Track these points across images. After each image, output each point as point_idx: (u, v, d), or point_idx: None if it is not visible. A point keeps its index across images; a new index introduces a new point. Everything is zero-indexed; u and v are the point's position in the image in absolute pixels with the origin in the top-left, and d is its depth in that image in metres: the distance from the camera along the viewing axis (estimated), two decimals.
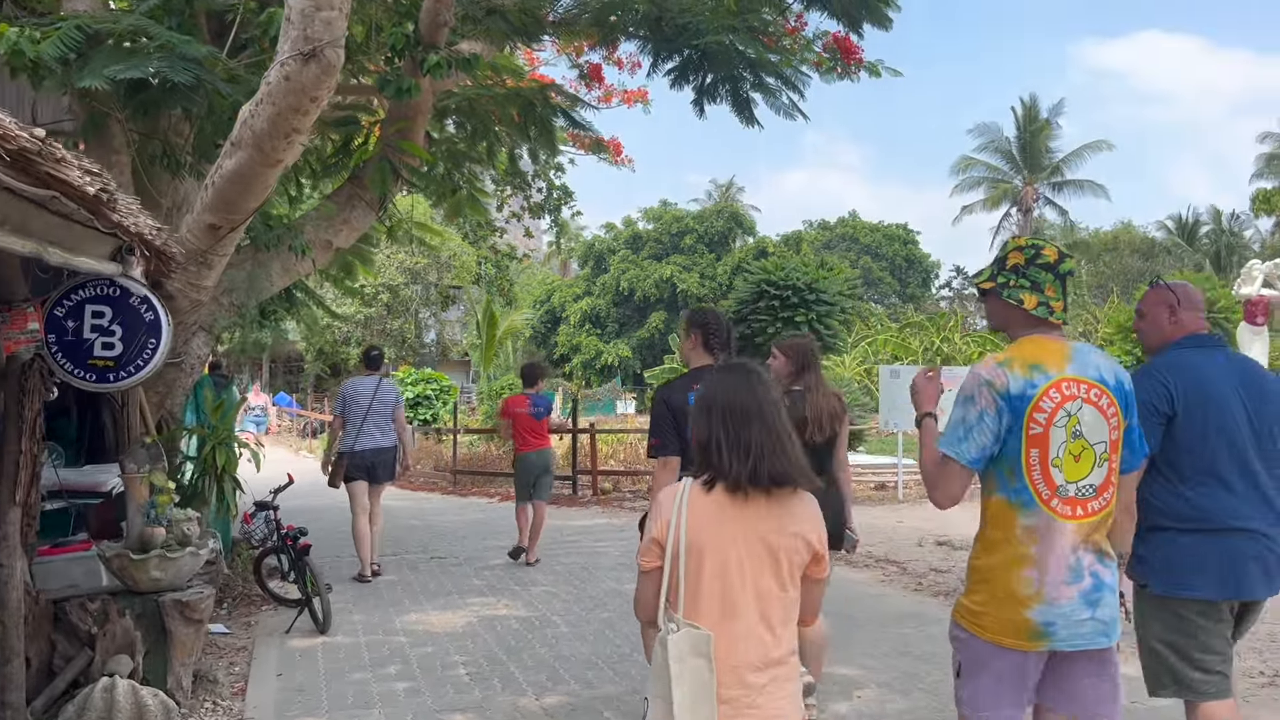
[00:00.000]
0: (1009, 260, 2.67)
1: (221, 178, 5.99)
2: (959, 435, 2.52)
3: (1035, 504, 2.48)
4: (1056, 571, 2.46)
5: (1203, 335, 3.20)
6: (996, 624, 2.50)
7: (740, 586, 2.16)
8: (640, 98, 13.15)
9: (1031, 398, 2.49)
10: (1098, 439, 2.52)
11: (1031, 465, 2.48)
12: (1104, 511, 2.54)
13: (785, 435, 2.24)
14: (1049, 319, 2.60)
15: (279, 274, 7.64)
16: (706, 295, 40.05)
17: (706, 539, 2.18)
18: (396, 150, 7.91)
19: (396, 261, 27.75)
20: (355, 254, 11.09)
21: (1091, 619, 2.48)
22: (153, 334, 4.24)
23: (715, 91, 8.83)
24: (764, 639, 2.16)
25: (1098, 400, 2.54)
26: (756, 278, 12.47)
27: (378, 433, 7.73)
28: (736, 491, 2.19)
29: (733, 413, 2.24)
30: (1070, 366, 2.54)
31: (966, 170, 46.71)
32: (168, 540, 4.22)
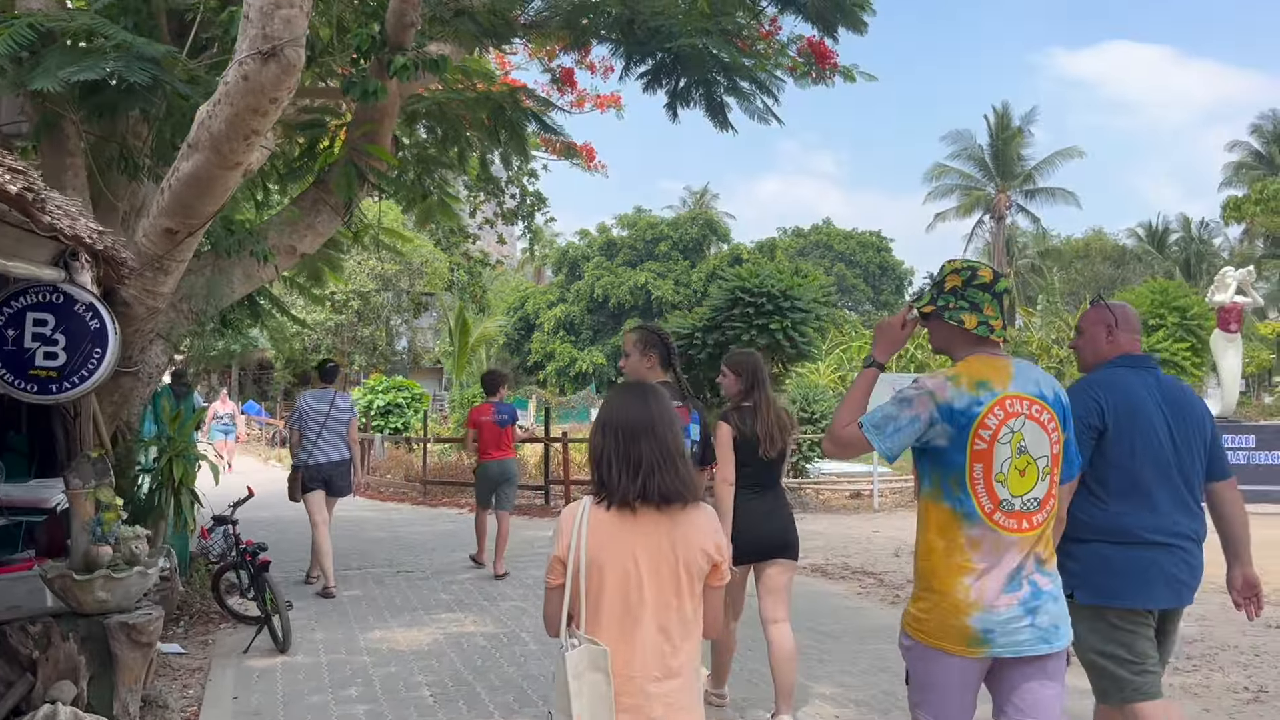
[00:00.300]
0: (947, 283, 2.74)
1: (178, 181, 5.80)
2: (884, 431, 2.58)
3: (978, 516, 2.54)
4: (996, 581, 2.53)
5: (1137, 355, 3.31)
6: (939, 630, 2.57)
7: (639, 600, 2.21)
8: (613, 103, 13.03)
9: (976, 415, 2.55)
10: (1040, 454, 2.60)
11: (975, 479, 2.55)
12: (1046, 523, 2.61)
13: (676, 453, 2.28)
14: (990, 337, 2.66)
15: (241, 280, 7.43)
16: (681, 302, 39.97)
17: (605, 555, 2.22)
18: (362, 154, 7.73)
19: (368, 268, 27.43)
20: (324, 260, 10.90)
21: (1030, 626, 2.53)
22: (99, 342, 4.04)
23: (689, 95, 8.70)
24: (663, 649, 2.21)
25: (1039, 416, 2.61)
26: (731, 285, 12.34)
27: (334, 446, 7.71)
28: (625, 508, 2.23)
29: (625, 430, 2.29)
30: (1013, 384, 2.61)
31: (940, 177, 46.93)
32: (114, 559, 4.01)
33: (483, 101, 8.66)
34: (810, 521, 11.60)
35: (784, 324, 11.91)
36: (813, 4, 8.36)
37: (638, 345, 4.33)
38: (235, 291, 7.43)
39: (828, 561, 8.67)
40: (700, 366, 12.60)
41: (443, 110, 9.49)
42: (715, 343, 12.39)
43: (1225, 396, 15.15)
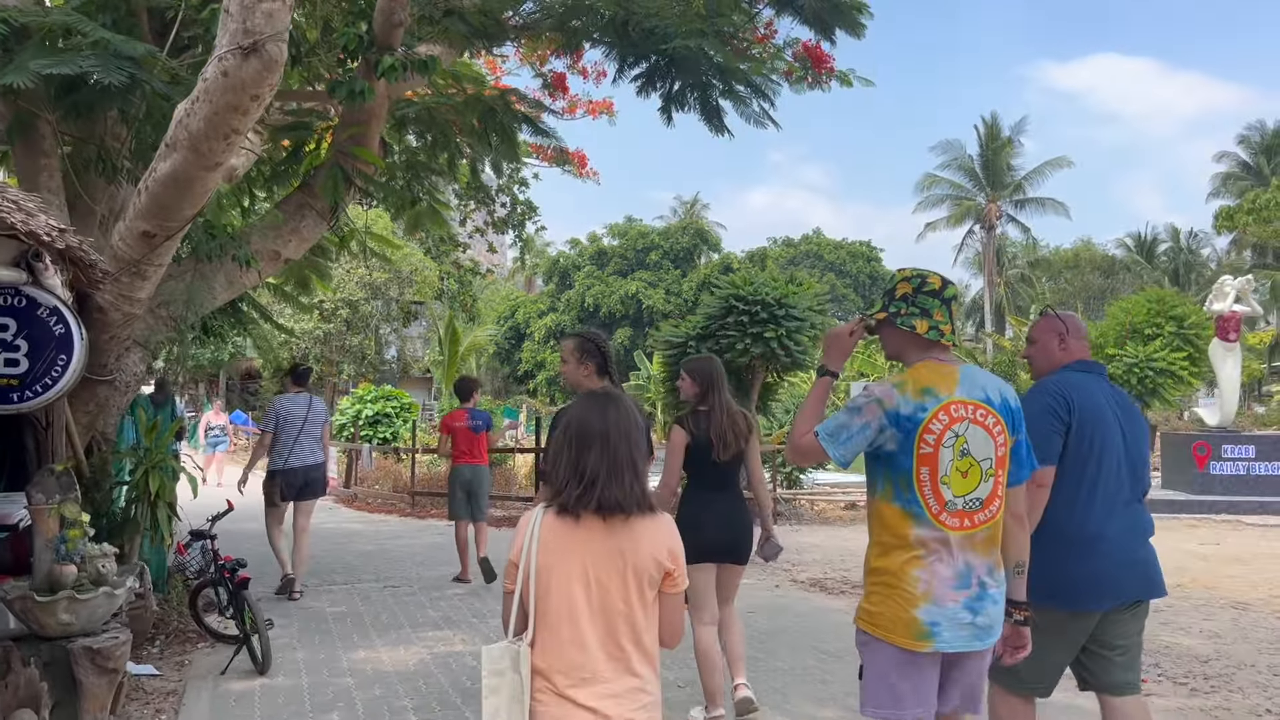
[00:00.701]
0: (898, 291, 2.84)
1: (156, 181, 5.58)
2: (839, 439, 2.69)
3: (925, 516, 2.66)
4: (945, 576, 2.64)
5: (1089, 361, 3.41)
6: (889, 623, 2.67)
7: (586, 605, 2.22)
8: (605, 109, 12.84)
9: (921, 420, 2.66)
10: (983, 456, 2.70)
11: (922, 481, 2.66)
12: (990, 523, 2.71)
13: (626, 464, 2.27)
14: (940, 341, 2.77)
15: (223, 286, 7.20)
16: (672, 311, 39.83)
17: (554, 560, 2.24)
18: (349, 157, 7.52)
19: (357, 276, 27.18)
20: (311, 268, 10.68)
21: (972, 624, 2.65)
22: (63, 349, 3.82)
23: (683, 99, 8.52)
24: (613, 654, 2.22)
25: (984, 420, 2.71)
26: (725, 292, 12.14)
27: (310, 450, 7.76)
28: (564, 514, 2.24)
29: (577, 439, 2.30)
30: (959, 389, 2.71)
31: (930, 188, 46.94)
32: (80, 579, 3.77)
33: (473, 105, 8.47)
34: (806, 534, 11.41)
35: (779, 332, 11.71)
36: (810, 5, 8.21)
37: (574, 353, 4.39)
38: (217, 298, 7.20)
39: (826, 576, 8.45)
40: None
41: (432, 115, 9.28)
42: (709, 351, 12.18)
43: (1224, 406, 15.00)
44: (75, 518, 3.79)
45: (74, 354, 3.83)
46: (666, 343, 12.69)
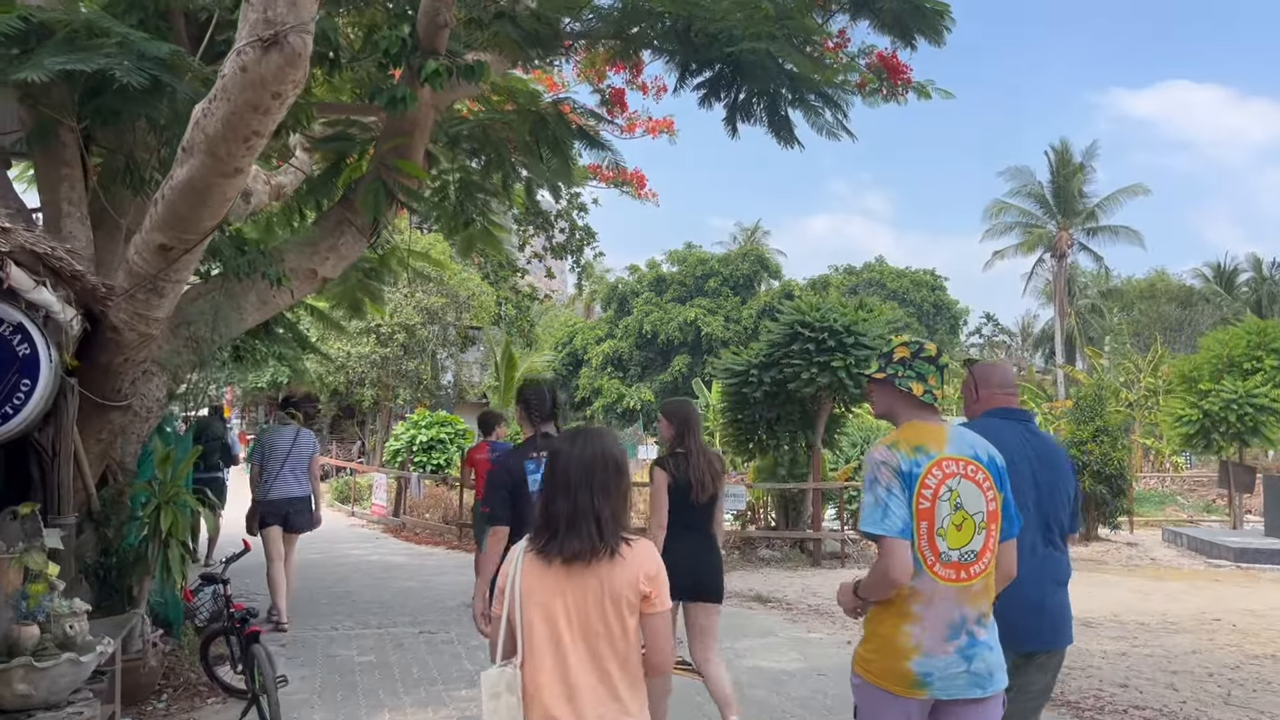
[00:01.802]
0: (895, 354, 2.99)
1: (172, 189, 5.11)
2: (879, 515, 2.76)
3: (921, 568, 2.75)
4: (936, 628, 2.74)
5: (1008, 409, 3.53)
6: (883, 671, 2.78)
7: (568, 630, 2.34)
8: (665, 127, 12.33)
9: (918, 475, 2.78)
10: (976, 509, 2.82)
11: (921, 535, 2.76)
12: (983, 574, 2.81)
13: (584, 512, 2.37)
14: (932, 405, 2.93)
15: (254, 306, 6.74)
16: (731, 339, 39.10)
17: (536, 590, 2.38)
18: (391, 170, 7.04)
19: (414, 301, 26.93)
20: (364, 290, 10.22)
21: (966, 672, 2.74)
22: (27, 372, 3.31)
23: (749, 109, 7.93)
24: (597, 677, 2.34)
25: (974, 475, 2.84)
26: (790, 319, 11.46)
27: (294, 481, 7.73)
28: (569, 558, 2.35)
29: (547, 485, 2.46)
30: (949, 447, 2.85)
31: (999, 215, 45.69)
32: (42, 642, 3.24)
33: (524, 116, 7.95)
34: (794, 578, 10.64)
35: (846, 362, 10.99)
36: (889, 7, 7.58)
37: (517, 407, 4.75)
38: (246, 319, 6.73)
39: None
40: (756, 405, 11.72)
41: (486, 133, 8.81)
42: (773, 381, 11.51)
43: None
44: (40, 569, 3.26)
45: (40, 377, 3.32)
46: (728, 371, 12.03)
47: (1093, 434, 12.78)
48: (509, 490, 4.23)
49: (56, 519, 5.19)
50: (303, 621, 7.48)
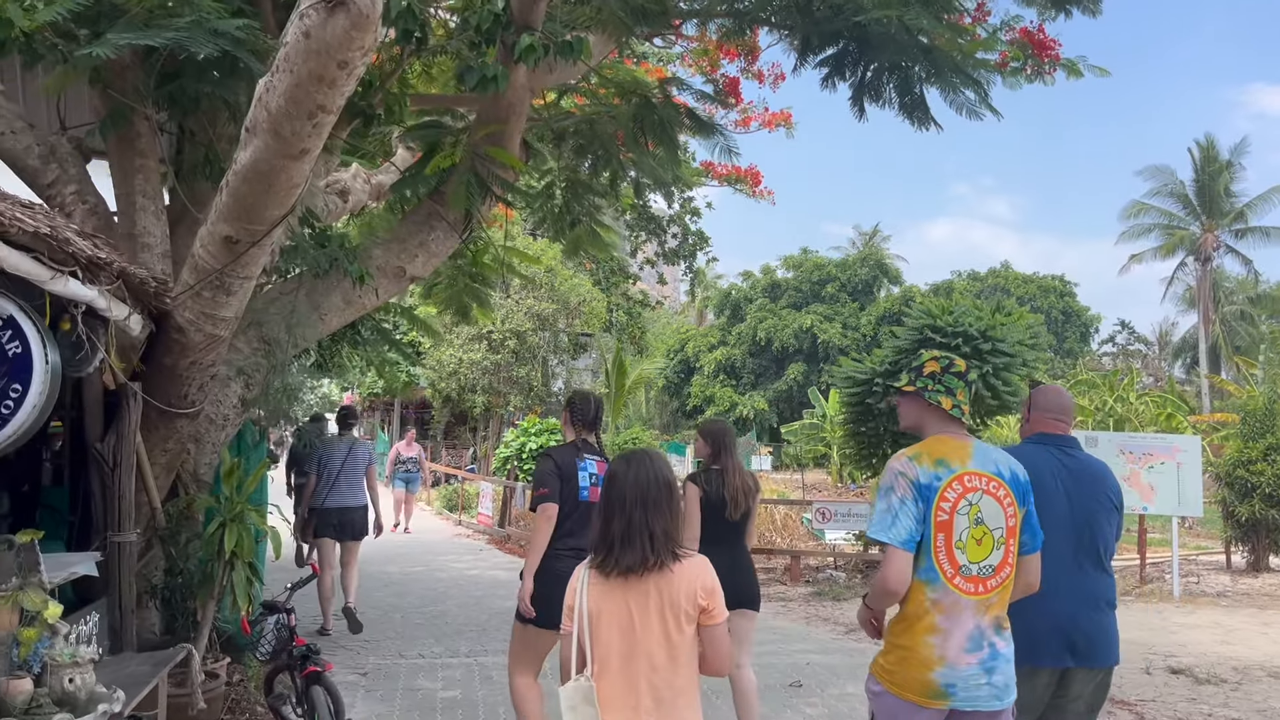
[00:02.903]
0: (925, 368, 3.09)
1: (235, 175, 4.64)
2: (888, 522, 2.86)
3: (940, 581, 2.83)
4: (959, 640, 2.82)
5: (1047, 434, 3.59)
6: (905, 681, 2.84)
7: (634, 641, 2.54)
8: (783, 120, 11.56)
9: (937, 489, 2.87)
10: (996, 525, 2.91)
11: (939, 548, 2.84)
12: (1000, 588, 2.89)
13: (639, 529, 2.57)
14: (960, 419, 3.03)
15: (338, 307, 6.28)
16: (849, 346, 37.88)
17: (603, 606, 2.58)
18: (485, 159, 6.49)
19: (525, 307, 26.72)
20: (471, 295, 9.76)
21: (988, 684, 2.82)
22: (16, 375, 2.80)
23: (878, 87, 7.13)
24: (655, 682, 2.53)
25: (995, 491, 2.93)
26: (918, 322, 10.53)
27: (349, 492, 7.77)
28: (627, 572, 2.56)
29: (604, 505, 2.67)
30: (972, 462, 2.93)
31: (1137, 216, 43.17)
32: (37, 698, 2.73)
33: (626, 98, 7.32)
34: None
35: (983, 370, 10.01)
36: None
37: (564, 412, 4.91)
38: (330, 320, 6.28)
39: None
40: (880, 417, 10.82)
41: (593, 128, 8.24)
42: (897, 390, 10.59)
43: None
44: (37, 609, 2.75)
45: (33, 381, 2.81)
46: (849, 379, 11.15)
47: (1263, 452, 11.44)
48: (559, 477, 4.44)
49: (116, 535, 4.79)
50: (390, 646, 7.01)
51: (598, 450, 4.69)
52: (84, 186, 5.95)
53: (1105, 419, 23.69)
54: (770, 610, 9.28)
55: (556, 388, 31.92)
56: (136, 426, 4.89)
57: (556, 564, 4.21)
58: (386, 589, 9.75)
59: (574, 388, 33.33)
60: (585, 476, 4.46)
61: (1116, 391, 25.37)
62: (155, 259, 5.61)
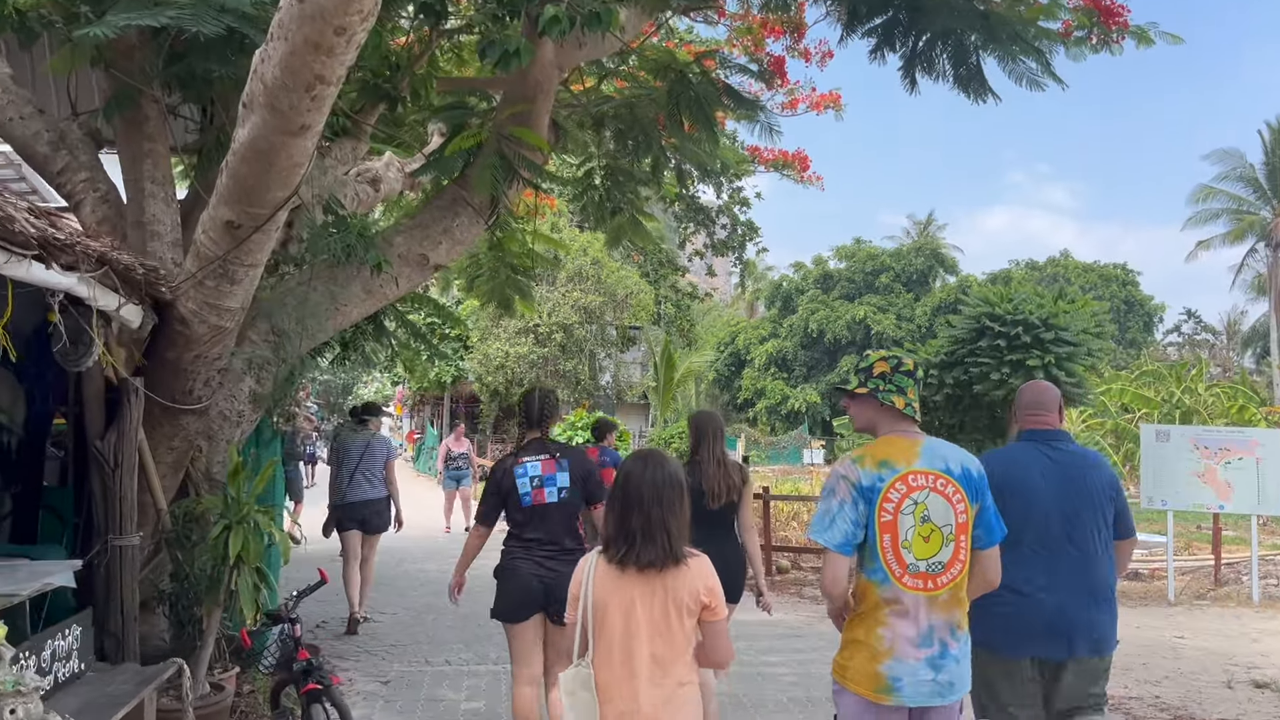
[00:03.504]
0: (875, 369, 3.09)
1: (234, 156, 4.36)
2: (824, 524, 2.92)
3: (890, 581, 2.88)
4: (909, 636, 2.85)
5: (1034, 430, 3.68)
6: (856, 675, 2.90)
7: (636, 633, 2.63)
8: (831, 101, 11.07)
9: (880, 489, 2.90)
10: (944, 522, 2.91)
11: (885, 548, 2.89)
12: (952, 584, 2.91)
13: (658, 526, 2.67)
14: (913, 417, 3.04)
15: (358, 297, 5.98)
16: (904, 338, 37.12)
17: (608, 597, 2.66)
18: (512, 141, 6.15)
19: (571, 300, 26.46)
20: (513, 287, 9.47)
21: (933, 680, 2.85)
22: None
23: (931, 58, 6.66)
24: (653, 671, 2.63)
25: (944, 489, 2.92)
26: (977, 311, 10.02)
27: (367, 485, 7.81)
28: (641, 566, 2.65)
29: (623, 502, 2.72)
30: (919, 461, 2.94)
31: (1205, 200, 41.69)
32: None
33: (661, 74, 6.94)
34: None
35: (1045, 360, 9.49)
36: None
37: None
38: (350, 311, 5.98)
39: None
40: (936, 411, 10.32)
41: (632, 112, 7.85)
42: (955, 382, 10.11)
43: None
44: None
45: None
46: None
47: None
48: (497, 493, 4.52)
49: (117, 538, 4.53)
50: (416, 651, 6.73)
51: (545, 448, 4.59)
52: (95, 174, 5.71)
53: (1172, 411, 22.82)
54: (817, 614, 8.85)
55: (605, 381, 31.64)
56: (138, 424, 4.63)
57: (509, 562, 4.45)
58: (422, 588, 9.49)
59: (622, 381, 33.05)
60: (525, 482, 4.47)
61: (1184, 383, 24.45)
62: (165, 248, 5.34)
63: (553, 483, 4.46)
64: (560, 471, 4.49)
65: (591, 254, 26.49)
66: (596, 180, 8.92)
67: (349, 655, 6.67)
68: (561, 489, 4.46)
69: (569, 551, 4.34)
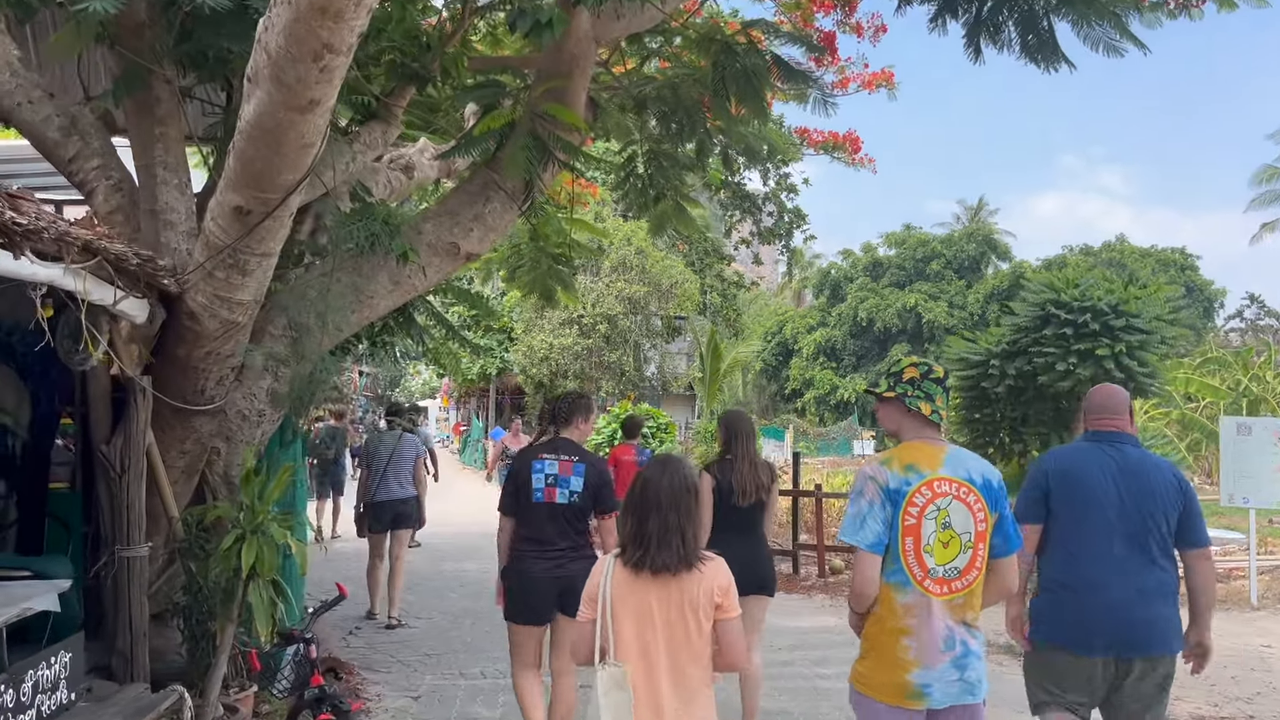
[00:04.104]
0: (905, 374, 3.15)
1: (241, 136, 4.02)
2: (856, 525, 2.97)
3: (910, 584, 2.92)
4: (931, 641, 2.89)
5: (1098, 431, 3.68)
6: (882, 685, 2.93)
7: (654, 634, 2.68)
8: (884, 80, 10.56)
9: (906, 493, 2.95)
10: (964, 529, 2.97)
11: (907, 551, 2.93)
12: (967, 589, 2.96)
13: (674, 530, 2.71)
14: (938, 424, 3.11)
15: (385, 288, 5.65)
16: (956, 326, 36.29)
17: (627, 598, 2.71)
18: (546, 120, 5.77)
19: (616, 290, 26.09)
20: (555, 278, 9.13)
21: (960, 680, 2.90)
22: None
23: (996, 24, 6.17)
24: (672, 674, 2.68)
25: (965, 497, 2.98)
26: (1041, 297, 9.44)
27: (396, 484, 7.92)
28: (658, 570, 2.69)
29: (640, 506, 2.76)
30: (943, 468, 3.00)
31: (1269, 181, 40.23)
32: None
33: (705, 45, 6.52)
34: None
35: (1115, 349, 8.89)
36: None
37: None
38: (377, 303, 5.65)
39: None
40: (997, 403, 9.78)
41: (676, 93, 7.44)
42: (1018, 372, 9.55)
43: None
44: None
45: None
46: (962, 361, 10.12)
47: None
48: (514, 484, 4.54)
49: (125, 549, 4.23)
50: (452, 661, 6.41)
51: (566, 449, 4.63)
52: (108, 161, 5.42)
53: (1239, 400, 21.89)
54: None
55: (649, 372, 31.24)
56: (146, 426, 4.33)
57: (518, 563, 4.47)
58: (461, 589, 9.19)
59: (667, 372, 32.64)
60: (539, 479, 4.52)
61: (1251, 370, 23.46)
62: (180, 238, 5.03)
63: (566, 485, 4.51)
64: (575, 476, 4.53)
65: (635, 243, 26.08)
66: (639, 166, 8.54)
67: (380, 666, 6.36)
68: (574, 493, 4.50)
69: (581, 552, 4.47)
